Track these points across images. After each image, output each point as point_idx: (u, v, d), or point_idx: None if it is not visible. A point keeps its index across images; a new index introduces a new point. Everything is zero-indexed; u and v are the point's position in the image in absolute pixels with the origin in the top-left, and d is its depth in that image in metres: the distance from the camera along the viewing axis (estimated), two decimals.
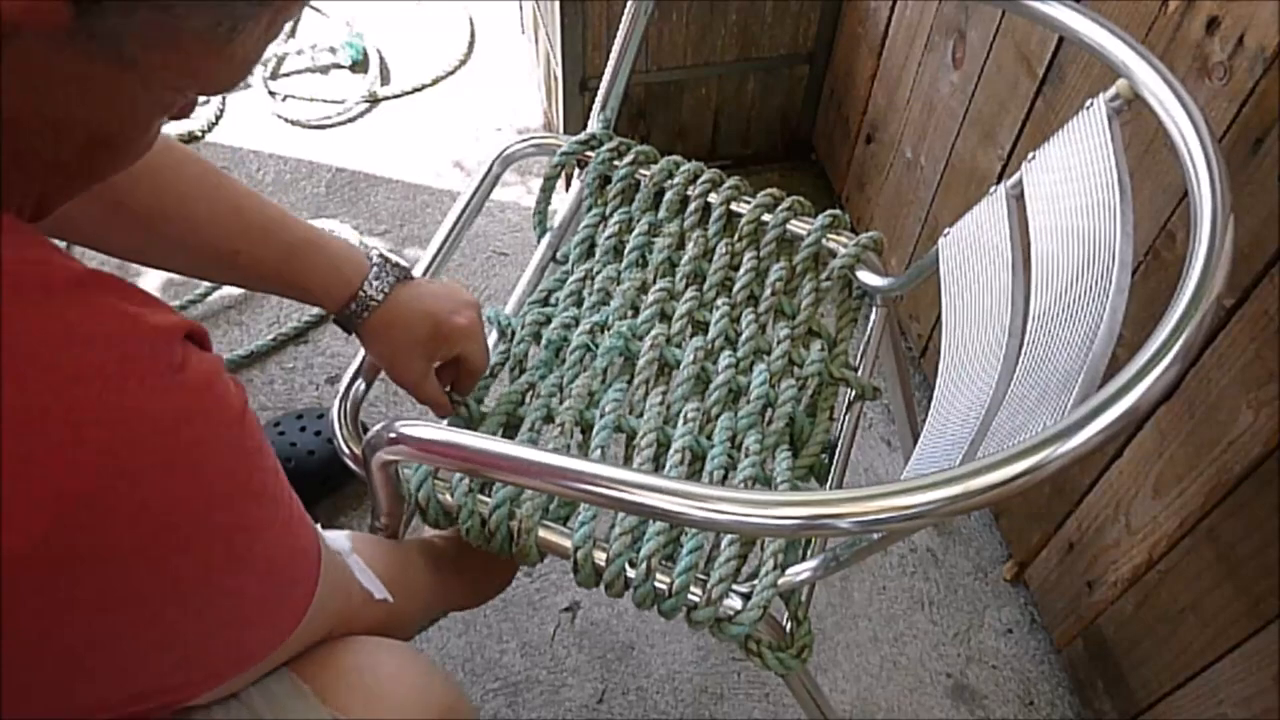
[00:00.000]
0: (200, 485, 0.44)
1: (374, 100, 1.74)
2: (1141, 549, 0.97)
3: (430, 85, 1.78)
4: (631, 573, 0.74)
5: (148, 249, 0.76)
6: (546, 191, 0.99)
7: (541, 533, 0.76)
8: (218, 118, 1.69)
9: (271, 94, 1.73)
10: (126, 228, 0.72)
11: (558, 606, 1.21)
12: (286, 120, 1.70)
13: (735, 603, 0.73)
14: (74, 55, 0.38)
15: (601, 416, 0.83)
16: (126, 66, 0.39)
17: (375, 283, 0.80)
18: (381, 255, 0.81)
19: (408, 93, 1.77)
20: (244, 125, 1.69)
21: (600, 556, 0.75)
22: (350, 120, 1.72)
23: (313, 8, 1.87)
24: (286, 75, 1.77)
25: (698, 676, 1.17)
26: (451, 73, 1.81)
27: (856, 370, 0.92)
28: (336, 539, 0.69)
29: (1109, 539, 1.01)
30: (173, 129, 1.65)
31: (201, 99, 1.69)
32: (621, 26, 0.99)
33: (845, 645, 1.20)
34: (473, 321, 0.84)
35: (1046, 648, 1.20)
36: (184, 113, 0.48)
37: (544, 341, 0.90)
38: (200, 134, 1.66)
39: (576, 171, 1.03)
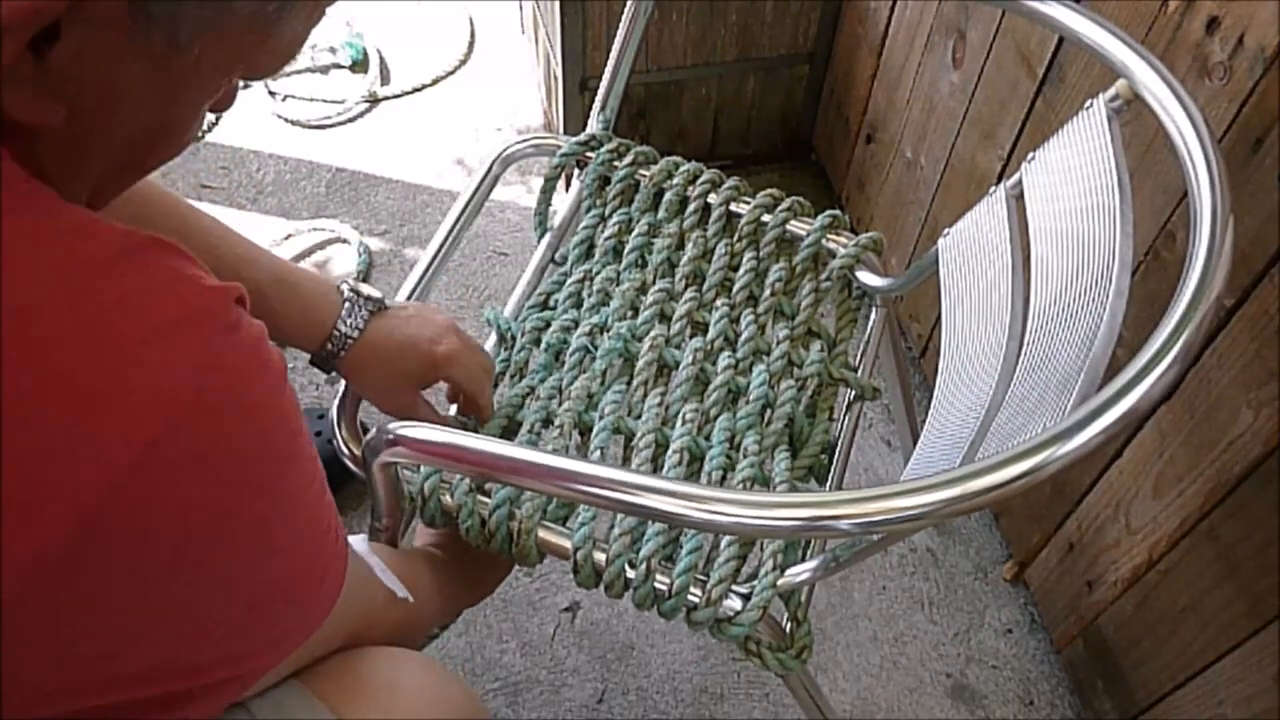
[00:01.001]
0: (259, 438, 0.45)
1: (374, 100, 1.74)
2: (1141, 549, 0.97)
3: (430, 85, 1.78)
4: (631, 573, 0.74)
5: None
6: (546, 193, 0.99)
7: (541, 533, 0.76)
8: (218, 118, 1.69)
9: (271, 94, 1.73)
10: None
11: (558, 606, 1.21)
12: (286, 120, 1.70)
13: (735, 603, 0.73)
14: (132, 44, 0.39)
15: (600, 418, 0.83)
16: (179, 51, 0.40)
17: (349, 320, 0.78)
18: (353, 289, 0.79)
19: (408, 93, 1.77)
20: (244, 125, 1.69)
21: (600, 557, 0.75)
22: (350, 120, 1.72)
23: None
24: (286, 75, 1.77)
25: (698, 676, 1.17)
26: (451, 73, 1.81)
27: (856, 371, 0.92)
28: (354, 540, 0.68)
29: (1109, 539, 1.01)
30: None
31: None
32: (621, 27, 0.99)
33: (845, 645, 1.20)
34: (454, 348, 0.82)
35: (1046, 648, 1.20)
36: (226, 101, 0.49)
37: (544, 345, 0.90)
38: (200, 134, 1.65)
39: (576, 172, 1.03)
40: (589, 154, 1.00)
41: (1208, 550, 0.89)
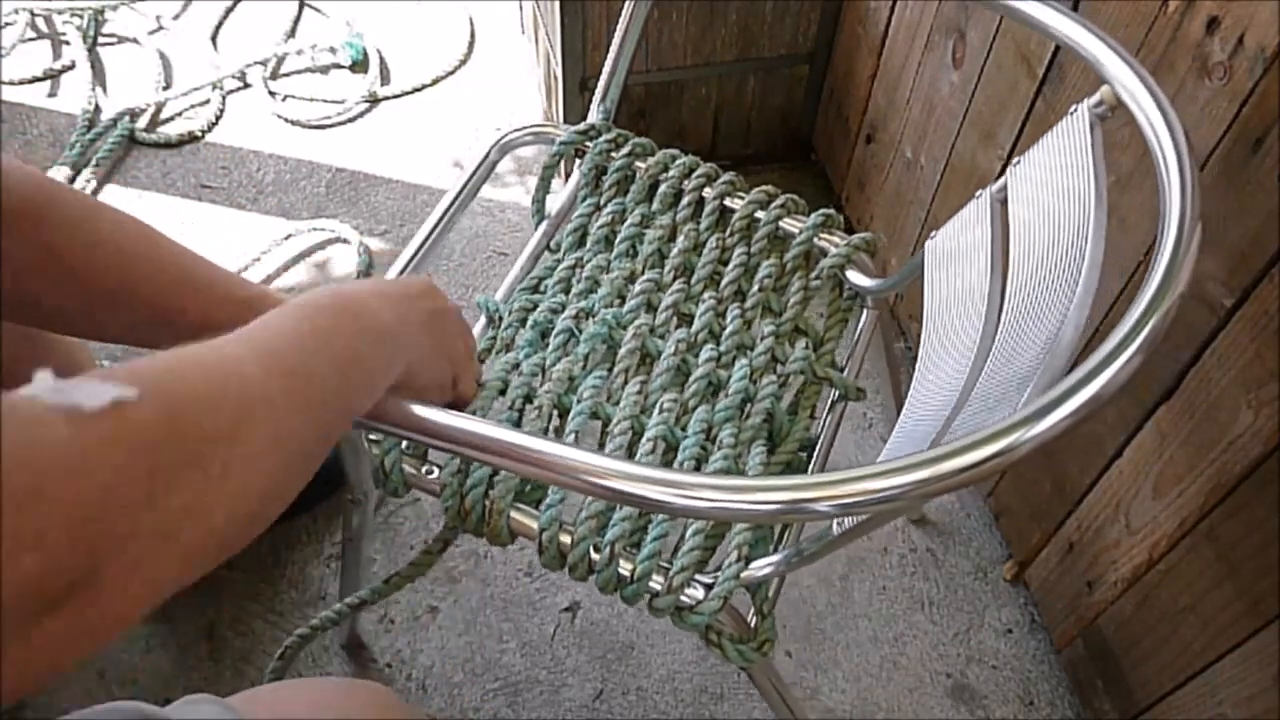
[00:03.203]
0: None
1: (374, 100, 1.74)
2: (1141, 549, 0.97)
3: (430, 85, 1.78)
4: (596, 557, 0.74)
5: (85, 313, 0.69)
6: (545, 180, 1.00)
7: (514, 514, 0.76)
8: (218, 118, 1.69)
9: (271, 94, 1.73)
10: (64, 290, 0.66)
11: (558, 606, 1.21)
12: (286, 120, 1.70)
13: (697, 592, 0.74)
14: None
15: (578, 402, 0.83)
16: None
17: None
18: None
19: (408, 93, 1.77)
20: (244, 125, 1.69)
21: (566, 539, 0.75)
22: (350, 120, 1.72)
23: (312, 7, 1.87)
24: (286, 75, 1.78)
25: (698, 676, 1.17)
26: (451, 73, 1.81)
27: (843, 370, 0.92)
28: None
29: (1109, 539, 1.01)
30: (173, 129, 1.66)
31: (199, 99, 1.70)
32: (621, 18, 0.99)
33: (845, 645, 1.20)
34: (469, 393, 0.80)
35: (1046, 648, 1.20)
36: None
37: (530, 324, 0.90)
38: (200, 134, 1.66)
39: (576, 163, 1.03)
40: (587, 143, 1.00)
41: (1208, 550, 0.89)
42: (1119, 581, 1.01)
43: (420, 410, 0.62)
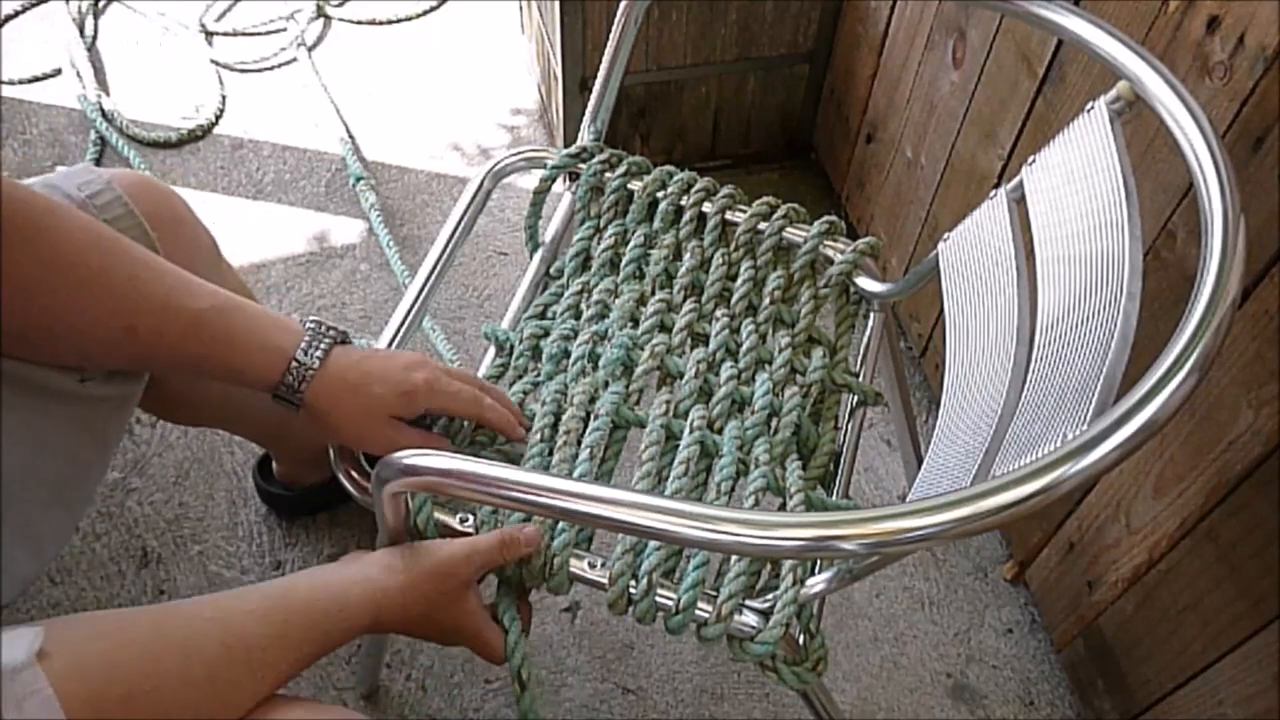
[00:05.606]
0: None
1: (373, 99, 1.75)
2: (1142, 549, 0.97)
3: (429, 85, 1.78)
4: (633, 588, 0.73)
5: (26, 333, 0.67)
6: (537, 205, 0.99)
7: (560, 557, 0.74)
8: (217, 117, 1.69)
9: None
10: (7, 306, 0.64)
11: (558, 606, 1.21)
12: (289, 117, 1.70)
13: (749, 619, 0.72)
14: None
15: (597, 418, 0.82)
16: None
17: (310, 349, 0.73)
18: (315, 320, 0.76)
19: (407, 91, 1.77)
20: (244, 125, 1.69)
21: (593, 572, 0.74)
22: (349, 120, 1.72)
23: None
24: (286, 65, 1.78)
25: (698, 676, 1.17)
26: (451, 73, 1.81)
27: (857, 376, 0.92)
28: (10, 648, 0.51)
29: (1109, 539, 1.01)
30: (173, 127, 1.66)
31: (203, 119, 1.70)
32: (610, 42, 0.98)
33: (845, 645, 1.20)
34: (432, 375, 0.77)
35: (1046, 648, 1.20)
36: None
37: (546, 355, 0.89)
38: (200, 134, 1.66)
39: (569, 183, 1.02)
40: (580, 165, 0.99)
41: (1208, 550, 0.89)
42: (1119, 581, 1.01)
43: (445, 461, 0.61)
